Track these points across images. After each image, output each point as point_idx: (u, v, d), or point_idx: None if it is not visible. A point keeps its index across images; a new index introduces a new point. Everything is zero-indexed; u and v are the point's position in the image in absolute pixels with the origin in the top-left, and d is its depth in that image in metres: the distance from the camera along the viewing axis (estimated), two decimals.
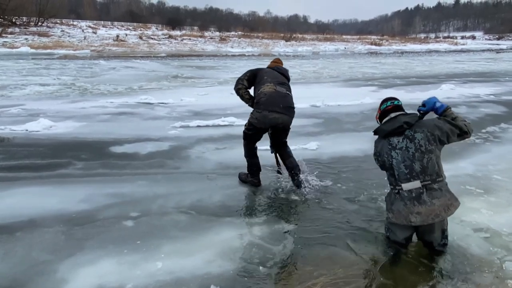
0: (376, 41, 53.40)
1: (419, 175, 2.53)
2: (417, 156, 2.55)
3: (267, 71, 3.95)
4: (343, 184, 3.97)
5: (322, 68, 18.82)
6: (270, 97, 3.65)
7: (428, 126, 2.59)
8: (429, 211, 2.49)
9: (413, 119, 2.64)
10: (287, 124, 3.76)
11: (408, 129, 2.61)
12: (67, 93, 10.09)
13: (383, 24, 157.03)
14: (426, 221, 2.50)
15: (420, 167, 2.54)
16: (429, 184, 2.53)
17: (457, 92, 10.54)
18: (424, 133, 2.57)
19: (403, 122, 2.62)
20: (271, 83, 3.72)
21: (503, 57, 30.29)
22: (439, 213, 2.50)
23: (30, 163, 4.52)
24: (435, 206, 2.49)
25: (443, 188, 2.55)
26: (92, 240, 2.86)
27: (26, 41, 33.42)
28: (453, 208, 2.53)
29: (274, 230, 3.03)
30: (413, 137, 2.58)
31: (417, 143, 2.56)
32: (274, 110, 3.61)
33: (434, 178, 2.54)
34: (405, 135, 2.60)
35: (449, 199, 2.53)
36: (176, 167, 4.47)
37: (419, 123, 2.63)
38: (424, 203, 2.49)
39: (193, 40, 44.61)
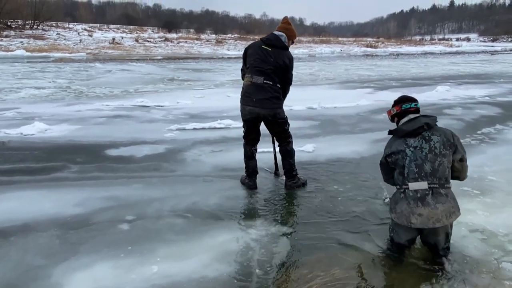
0: (372, 44, 53.65)
1: (428, 176, 2.52)
2: (430, 157, 2.55)
3: (251, 53, 3.70)
4: (340, 186, 3.96)
5: (319, 71, 18.86)
6: (245, 91, 3.67)
7: (446, 132, 2.65)
8: (431, 214, 2.47)
9: (434, 121, 2.68)
10: (268, 114, 3.64)
11: (427, 130, 2.64)
12: (62, 96, 10.04)
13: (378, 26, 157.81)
14: (426, 224, 2.48)
15: (431, 169, 2.53)
16: (436, 187, 2.52)
17: (452, 94, 10.59)
18: (441, 137, 2.60)
19: (424, 123, 2.64)
20: (249, 74, 3.65)
21: (498, 58, 30.49)
22: (440, 218, 2.48)
23: (25, 167, 4.49)
24: (438, 210, 2.47)
25: (449, 195, 2.54)
26: (87, 244, 2.84)
27: (22, 44, 33.34)
28: (454, 216, 2.53)
29: (270, 232, 3.02)
30: (430, 139, 2.60)
31: (433, 144, 2.57)
32: (248, 104, 3.64)
33: (442, 183, 2.53)
34: (422, 135, 2.62)
35: (453, 206, 2.52)
36: (172, 170, 4.45)
37: (438, 127, 2.67)
38: (427, 205, 2.47)
39: (189, 42, 44.66)
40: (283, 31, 3.72)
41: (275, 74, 3.64)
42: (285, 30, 3.73)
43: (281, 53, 3.66)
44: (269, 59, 3.60)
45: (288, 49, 3.76)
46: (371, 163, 4.70)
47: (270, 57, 3.61)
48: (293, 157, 3.94)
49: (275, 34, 3.69)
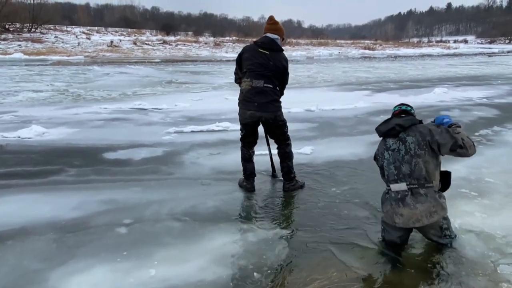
0: (370, 46, 53.77)
1: (406, 177, 2.60)
2: (406, 158, 2.61)
3: (248, 57, 3.67)
4: (338, 188, 3.96)
5: (317, 73, 18.89)
6: (245, 96, 3.66)
7: (422, 131, 2.63)
8: (410, 214, 2.56)
9: (407, 122, 2.69)
10: (270, 118, 3.67)
11: (402, 131, 2.66)
12: (60, 99, 10.03)
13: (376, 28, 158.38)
14: (407, 224, 2.58)
15: (408, 170, 2.59)
16: (416, 188, 2.58)
17: (450, 96, 10.62)
18: (415, 137, 2.61)
19: (395, 124, 2.70)
20: (248, 78, 3.64)
21: (495, 60, 30.60)
22: (420, 218, 2.55)
23: (22, 170, 4.48)
24: (417, 210, 2.55)
25: (429, 195, 2.56)
26: (84, 247, 2.83)
27: (19, 47, 33.27)
28: (436, 216, 2.55)
29: (268, 235, 3.02)
30: (405, 140, 2.64)
31: (408, 146, 2.62)
32: (249, 109, 3.64)
33: (422, 182, 2.58)
34: (399, 137, 2.67)
35: (434, 206, 2.54)
36: (170, 173, 4.44)
37: (415, 127, 2.66)
38: (407, 206, 2.57)
39: (187, 45, 44.65)
40: (274, 33, 3.72)
41: (275, 78, 3.67)
42: (275, 31, 3.72)
43: (278, 56, 3.68)
44: (269, 63, 3.62)
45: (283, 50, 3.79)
46: (369, 165, 4.70)
47: (269, 60, 3.62)
48: (291, 159, 3.95)
49: (270, 37, 3.69)
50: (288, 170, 3.91)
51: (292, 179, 3.93)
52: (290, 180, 3.92)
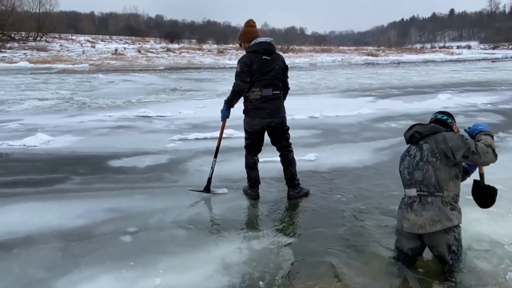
0: (373, 52, 53.86)
1: (417, 184, 2.62)
2: (420, 165, 2.62)
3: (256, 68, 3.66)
4: (343, 196, 3.94)
5: (320, 79, 18.92)
6: (255, 105, 3.71)
7: (437, 138, 2.61)
8: (415, 221, 2.57)
9: (427, 130, 2.68)
10: (278, 123, 3.78)
11: (421, 139, 2.68)
12: (65, 107, 10.10)
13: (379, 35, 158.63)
14: (412, 229, 2.59)
15: (421, 177, 2.60)
16: (425, 195, 2.58)
17: (454, 102, 10.58)
18: (430, 145, 2.61)
19: (414, 131, 2.72)
20: (257, 88, 3.69)
21: (499, 66, 30.53)
22: (423, 225, 2.53)
23: (27, 179, 4.49)
24: (422, 217, 2.54)
25: (435, 203, 2.53)
26: (89, 256, 2.82)
27: (25, 56, 33.64)
28: (439, 225, 2.50)
29: (273, 243, 3.00)
30: (422, 147, 2.65)
31: (423, 153, 2.63)
32: (262, 116, 3.72)
33: (431, 191, 2.56)
34: (418, 144, 2.69)
35: (438, 215, 2.51)
36: (175, 180, 4.45)
37: (434, 136, 2.64)
38: (414, 212, 2.59)
39: (191, 53, 44.94)
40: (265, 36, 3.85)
41: (279, 80, 3.79)
42: (261, 33, 3.87)
43: (278, 57, 3.82)
44: (274, 67, 3.73)
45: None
46: (374, 172, 4.70)
47: (274, 64, 3.73)
48: (295, 166, 3.95)
49: (266, 42, 3.77)
50: (291, 177, 3.90)
51: (296, 186, 3.92)
52: (294, 187, 3.91)
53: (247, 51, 3.77)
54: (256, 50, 3.74)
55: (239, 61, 3.73)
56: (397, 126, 7.37)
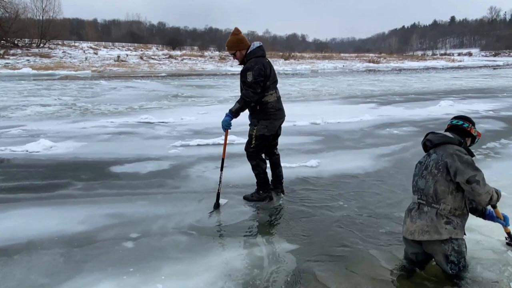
0: (374, 59, 54.01)
1: (419, 191, 2.65)
2: (424, 174, 2.64)
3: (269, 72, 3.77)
4: (345, 203, 3.93)
5: (321, 86, 18.96)
6: (275, 106, 3.83)
7: (447, 151, 2.56)
8: (409, 226, 2.64)
9: (438, 139, 2.66)
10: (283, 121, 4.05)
11: (432, 148, 2.69)
12: (67, 113, 10.13)
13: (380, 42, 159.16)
14: (406, 234, 2.67)
15: (423, 186, 2.62)
16: (423, 204, 2.61)
17: (456, 109, 10.58)
18: (437, 156, 2.60)
19: (426, 140, 2.74)
20: (273, 90, 3.84)
21: (500, 73, 30.57)
22: (413, 232, 2.59)
23: (30, 184, 4.50)
24: (415, 224, 2.60)
25: (429, 214, 2.53)
26: (91, 262, 2.82)
27: (28, 62, 33.83)
28: (426, 236, 2.51)
29: (275, 250, 2.99)
30: (430, 156, 2.67)
31: (429, 162, 2.64)
32: (281, 117, 3.92)
33: (429, 201, 2.57)
34: (429, 152, 2.72)
35: (428, 226, 2.51)
36: (177, 186, 4.44)
37: (445, 146, 2.61)
38: (411, 218, 2.65)
39: (193, 59, 45.14)
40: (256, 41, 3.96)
41: None
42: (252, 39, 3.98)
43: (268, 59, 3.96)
44: (273, 68, 3.95)
45: None
46: (376, 178, 4.69)
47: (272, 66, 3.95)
48: None
49: (261, 45, 3.89)
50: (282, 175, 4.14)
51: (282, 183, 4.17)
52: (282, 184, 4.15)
53: (252, 57, 3.74)
54: (262, 54, 3.80)
55: (251, 68, 3.63)
56: (399, 133, 7.37)
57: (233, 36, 3.80)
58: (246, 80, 3.65)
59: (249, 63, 3.71)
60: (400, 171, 4.88)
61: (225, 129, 3.84)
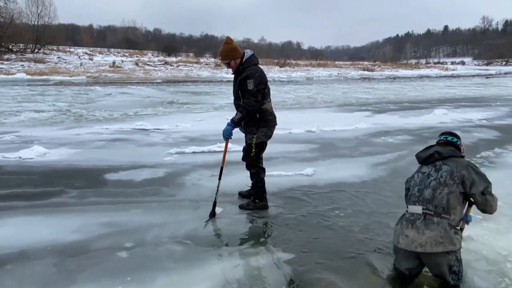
0: (369, 67, 54.44)
1: (425, 202, 2.58)
2: (433, 184, 2.60)
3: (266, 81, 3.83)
4: (341, 212, 3.92)
5: (316, 94, 19.04)
6: (272, 113, 3.90)
7: (460, 164, 2.61)
8: (415, 238, 2.51)
9: (447, 152, 2.70)
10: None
11: (440, 160, 2.68)
12: (62, 119, 10.07)
13: (374, 50, 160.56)
14: (409, 246, 2.53)
15: (430, 196, 2.57)
16: (431, 214, 2.54)
17: (450, 117, 10.67)
18: (451, 168, 2.60)
19: (434, 151, 2.71)
20: (269, 97, 3.90)
21: (493, 82, 30.92)
22: (423, 244, 2.48)
23: (23, 192, 4.45)
24: (424, 235, 2.49)
25: (441, 225, 2.50)
26: (85, 272, 2.77)
27: (22, 68, 33.69)
28: (441, 247, 2.46)
29: (271, 260, 2.97)
30: (440, 168, 2.64)
31: (441, 173, 2.61)
32: (275, 124, 3.96)
33: (439, 211, 2.53)
34: (435, 164, 2.69)
35: (442, 237, 2.47)
36: (172, 194, 4.41)
37: (454, 159, 2.66)
38: (415, 228, 2.53)
39: (188, 66, 45.22)
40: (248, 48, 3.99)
41: None
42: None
43: None
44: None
45: None
46: (372, 188, 4.69)
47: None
48: None
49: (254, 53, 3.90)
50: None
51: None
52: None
53: (250, 65, 3.73)
54: (257, 62, 3.80)
55: (251, 76, 3.63)
56: (394, 141, 7.40)
57: (227, 45, 3.76)
58: (247, 89, 3.63)
59: (249, 71, 3.69)
60: (396, 180, 4.89)
61: (226, 139, 3.79)
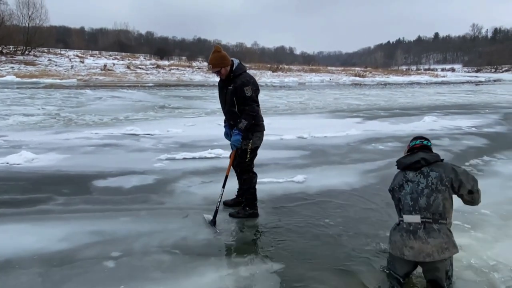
0: (360, 73, 54.84)
1: (422, 210, 2.59)
2: (426, 192, 2.62)
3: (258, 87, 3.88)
4: (331, 220, 3.92)
5: (308, 99, 19.11)
6: (262, 119, 3.95)
7: (446, 168, 2.68)
8: (422, 248, 2.51)
9: (432, 157, 2.74)
10: None
11: (426, 166, 2.70)
12: (51, 123, 9.95)
13: (366, 56, 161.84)
14: (417, 258, 2.52)
15: (425, 204, 2.59)
16: (430, 222, 2.56)
17: (440, 124, 10.77)
18: (439, 173, 2.64)
19: (421, 158, 2.73)
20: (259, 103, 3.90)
21: (482, 89, 31.35)
22: (431, 253, 2.50)
23: (9, 199, 4.37)
24: (429, 245, 2.50)
25: (442, 231, 2.54)
26: (70, 282, 2.73)
27: (12, 70, 33.32)
28: (447, 253, 2.52)
29: (260, 270, 2.94)
30: (428, 174, 2.67)
31: (430, 180, 2.64)
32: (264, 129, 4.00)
33: (436, 218, 2.56)
34: (421, 171, 2.70)
35: (446, 242, 2.52)
36: (161, 202, 4.37)
37: (438, 164, 2.72)
38: (419, 239, 2.52)
39: (181, 70, 45.12)
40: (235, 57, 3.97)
41: None
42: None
43: None
44: None
45: None
46: (362, 195, 4.70)
47: None
48: None
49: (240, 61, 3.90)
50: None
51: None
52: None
53: (241, 72, 3.76)
54: (246, 70, 3.85)
55: (247, 83, 3.71)
56: (384, 148, 7.44)
57: (216, 53, 3.74)
58: (246, 96, 3.70)
59: (243, 78, 3.73)
60: (386, 187, 4.85)
61: (236, 147, 3.84)
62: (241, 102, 3.72)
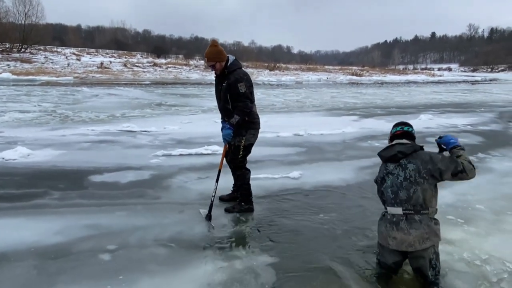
0: (357, 72, 54.90)
1: (402, 203, 2.64)
2: (405, 184, 2.65)
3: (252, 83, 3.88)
4: (326, 215, 3.95)
5: (305, 98, 19.13)
6: (258, 115, 3.94)
7: (423, 159, 2.67)
8: (404, 239, 2.59)
9: (409, 149, 2.73)
10: None
11: (403, 158, 2.72)
12: (47, 120, 9.92)
13: (363, 55, 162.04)
14: (400, 247, 2.62)
15: (406, 196, 2.63)
16: (411, 214, 2.61)
17: (435, 122, 10.82)
18: (416, 165, 2.65)
19: (397, 152, 2.75)
20: (254, 100, 3.90)
21: (478, 88, 31.49)
22: (413, 243, 2.57)
23: (5, 193, 4.36)
24: (410, 236, 2.58)
25: (423, 221, 2.59)
26: (65, 275, 2.74)
27: (8, 67, 33.12)
28: (428, 242, 2.56)
29: (256, 263, 2.97)
30: (406, 166, 2.69)
31: (408, 173, 2.66)
32: (259, 126, 3.99)
33: (418, 209, 2.61)
34: (400, 163, 2.73)
35: (427, 233, 2.57)
36: (157, 197, 4.38)
37: (416, 154, 2.71)
38: (401, 230, 2.60)
39: (178, 68, 45.02)
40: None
41: None
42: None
43: None
44: None
45: None
46: (358, 191, 4.73)
47: None
48: None
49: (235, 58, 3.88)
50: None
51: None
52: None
53: (236, 68, 3.75)
54: (241, 66, 3.82)
55: (241, 79, 3.69)
56: (380, 146, 7.47)
57: (213, 47, 3.75)
58: (239, 92, 3.69)
59: (237, 75, 3.72)
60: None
61: (228, 142, 3.86)
62: (235, 99, 3.72)
